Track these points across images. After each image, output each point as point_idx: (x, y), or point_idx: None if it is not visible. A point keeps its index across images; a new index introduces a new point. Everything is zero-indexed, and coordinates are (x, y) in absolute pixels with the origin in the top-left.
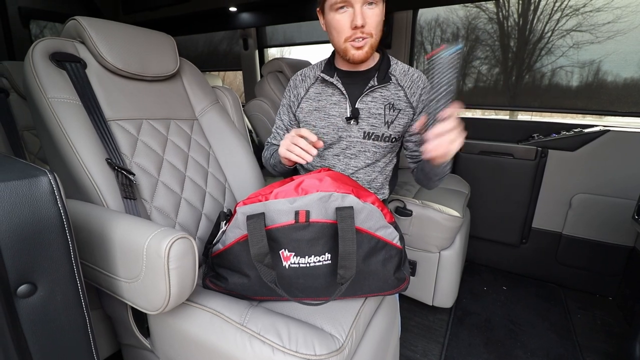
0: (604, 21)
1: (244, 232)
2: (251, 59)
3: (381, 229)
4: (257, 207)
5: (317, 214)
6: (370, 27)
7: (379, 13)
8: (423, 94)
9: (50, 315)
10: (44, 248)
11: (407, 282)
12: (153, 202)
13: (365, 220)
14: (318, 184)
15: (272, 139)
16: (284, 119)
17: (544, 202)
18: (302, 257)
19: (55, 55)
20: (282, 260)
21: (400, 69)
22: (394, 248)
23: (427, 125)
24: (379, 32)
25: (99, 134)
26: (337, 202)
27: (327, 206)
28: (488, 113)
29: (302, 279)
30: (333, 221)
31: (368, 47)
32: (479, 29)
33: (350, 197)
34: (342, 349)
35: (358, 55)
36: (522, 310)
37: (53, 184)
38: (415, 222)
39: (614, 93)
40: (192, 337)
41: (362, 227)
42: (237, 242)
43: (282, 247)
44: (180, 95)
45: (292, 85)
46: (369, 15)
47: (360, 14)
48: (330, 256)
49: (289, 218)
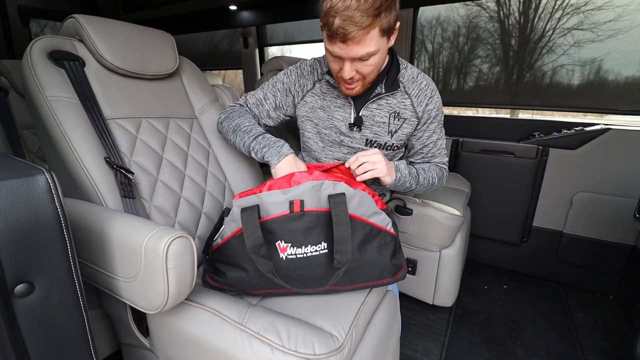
0: (605, 19)
1: (240, 225)
2: (251, 57)
3: (374, 215)
4: (252, 200)
5: (310, 203)
6: (361, 74)
7: (373, 63)
8: (430, 104)
9: (48, 314)
10: (42, 247)
11: (404, 270)
12: (152, 201)
13: (358, 207)
14: (309, 176)
15: (245, 103)
16: (278, 96)
17: (545, 201)
18: (299, 247)
19: (53, 53)
20: (278, 252)
21: (409, 74)
22: (388, 234)
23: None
24: (373, 75)
25: (98, 132)
26: (329, 189)
27: (320, 194)
28: (489, 111)
29: (300, 270)
30: (326, 209)
31: (360, 87)
32: (480, 27)
33: (342, 184)
34: (341, 348)
35: (349, 93)
36: (523, 309)
37: (50, 183)
38: (415, 221)
39: (614, 91)
40: (192, 337)
41: (355, 214)
42: (233, 236)
43: (278, 239)
44: (179, 94)
45: (299, 72)
46: (359, 67)
47: (350, 68)
48: (326, 245)
49: (284, 208)
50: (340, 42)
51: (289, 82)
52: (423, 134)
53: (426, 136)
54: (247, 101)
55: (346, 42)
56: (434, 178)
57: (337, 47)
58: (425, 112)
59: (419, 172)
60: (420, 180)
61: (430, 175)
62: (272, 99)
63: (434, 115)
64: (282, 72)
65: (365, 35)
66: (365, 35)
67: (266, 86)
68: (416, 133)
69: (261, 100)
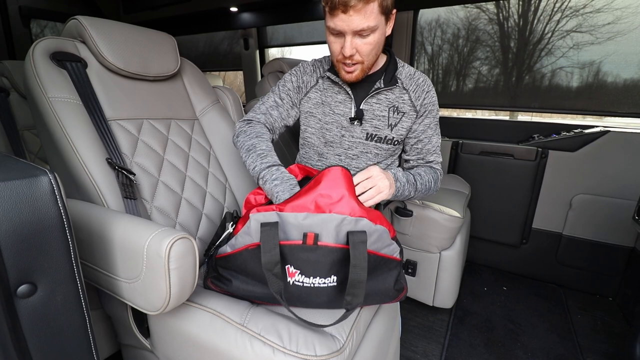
0: (604, 22)
1: (255, 240)
2: (252, 59)
3: (386, 247)
4: (271, 216)
5: (327, 237)
6: (361, 55)
7: (372, 41)
8: (427, 98)
9: (50, 315)
10: (44, 248)
11: (405, 291)
12: (153, 202)
13: (375, 242)
14: (333, 200)
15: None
16: (292, 95)
17: (544, 203)
18: (307, 277)
19: (55, 54)
20: (287, 275)
21: (406, 72)
22: (394, 261)
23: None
24: (372, 57)
25: (100, 133)
26: (350, 225)
27: (339, 230)
28: (489, 114)
29: (305, 297)
30: (342, 245)
31: (359, 71)
32: (479, 29)
33: (364, 221)
34: (342, 350)
35: (348, 77)
36: (523, 310)
37: (53, 184)
38: (415, 223)
39: (613, 93)
40: (192, 338)
41: (371, 249)
42: (245, 249)
43: (288, 263)
44: (181, 95)
45: (302, 70)
46: (359, 44)
47: (350, 44)
48: (336, 278)
49: (298, 236)
50: (342, 12)
51: (297, 80)
52: (418, 127)
53: (420, 130)
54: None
55: (347, 11)
56: (430, 182)
57: (339, 20)
58: (422, 106)
59: (416, 178)
60: (418, 187)
61: (427, 180)
62: (288, 99)
63: (429, 110)
64: (287, 74)
65: (366, 5)
66: (365, 6)
67: (276, 89)
68: (412, 126)
69: (277, 102)
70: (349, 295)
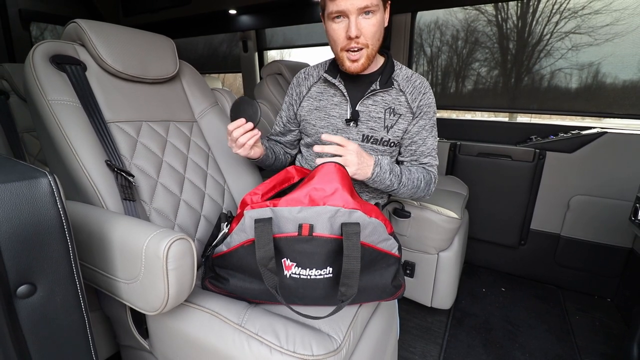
0: (603, 24)
1: (249, 236)
2: (251, 61)
3: (383, 241)
4: (265, 212)
5: (321, 228)
6: (366, 37)
7: (375, 22)
8: (423, 99)
9: (49, 315)
10: (44, 249)
11: (403, 289)
12: (152, 203)
13: (369, 235)
14: (327, 194)
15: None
16: (283, 115)
17: (542, 204)
18: (304, 268)
19: (55, 57)
20: (283, 269)
21: (403, 74)
22: (392, 257)
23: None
24: (376, 41)
25: (99, 135)
26: (344, 217)
27: (333, 221)
28: (487, 115)
29: (302, 289)
30: (337, 236)
31: (364, 58)
32: (478, 31)
33: (358, 213)
34: (339, 350)
35: (354, 67)
36: (521, 311)
37: (53, 186)
38: (413, 224)
39: (612, 95)
40: (191, 338)
41: (366, 242)
42: (241, 246)
43: (284, 257)
44: (179, 98)
45: (295, 83)
46: (364, 25)
47: (355, 24)
48: (331, 270)
49: (293, 229)
50: None
51: (290, 98)
52: (412, 128)
53: (415, 131)
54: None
55: None
56: (419, 181)
57: (342, 0)
58: (418, 108)
59: (403, 171)
60: (403, 180)
61: (415, 177)
62: (280, 120)
63: (425, 111)
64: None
65: None
66: None
67: (278, 117)
68: (407, 127)
69: (275, 127)
70: (343, 286)
